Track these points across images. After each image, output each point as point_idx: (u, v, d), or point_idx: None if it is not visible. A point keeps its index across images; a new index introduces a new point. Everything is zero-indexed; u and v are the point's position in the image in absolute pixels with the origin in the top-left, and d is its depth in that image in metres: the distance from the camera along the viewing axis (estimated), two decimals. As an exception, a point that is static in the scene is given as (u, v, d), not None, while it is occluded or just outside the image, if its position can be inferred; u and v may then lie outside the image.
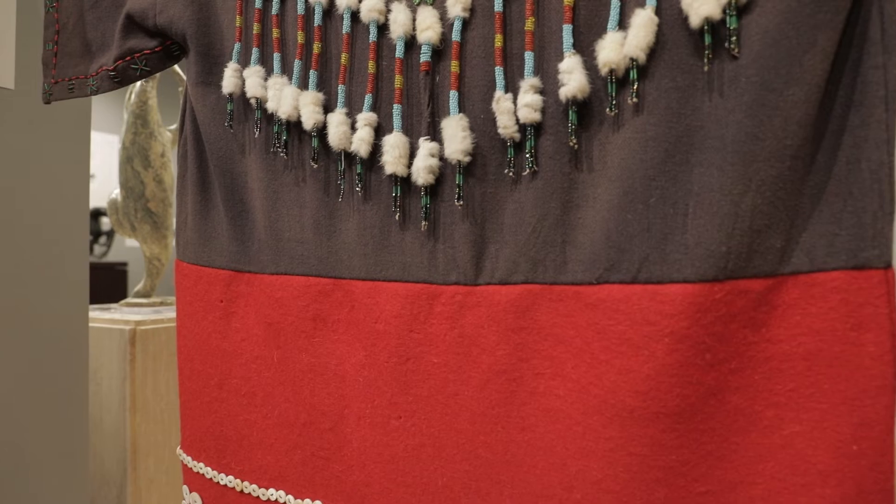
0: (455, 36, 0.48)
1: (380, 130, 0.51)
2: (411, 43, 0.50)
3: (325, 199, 0.54)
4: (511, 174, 0.46)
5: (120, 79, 0.65)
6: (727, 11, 0.39)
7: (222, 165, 0.60)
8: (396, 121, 0.50)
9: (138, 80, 0.66)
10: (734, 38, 0.39)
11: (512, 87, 0.46)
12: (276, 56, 0.56)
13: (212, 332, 0.62)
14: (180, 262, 0.66)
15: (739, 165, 0.39)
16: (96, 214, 4.24)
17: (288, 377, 0.57)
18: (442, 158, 0.48)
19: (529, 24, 0.45)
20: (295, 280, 0.56)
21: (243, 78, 0.57)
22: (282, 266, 0.57)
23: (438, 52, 0.49)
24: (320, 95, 0.53)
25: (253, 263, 0.59)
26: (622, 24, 0.43)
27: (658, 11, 0.42)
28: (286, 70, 0.56)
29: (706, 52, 0.40)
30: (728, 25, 0.39)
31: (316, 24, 0.53)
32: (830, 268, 0.39)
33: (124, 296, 3.82)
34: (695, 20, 0.40)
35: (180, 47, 0.64)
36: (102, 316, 1.24)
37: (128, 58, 0.64)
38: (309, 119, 0.53)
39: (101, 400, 1.17)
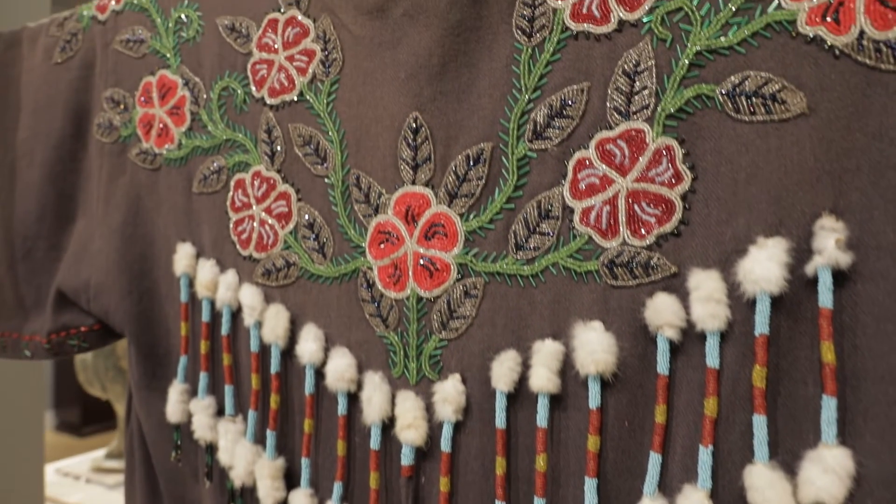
0: (444, 445, 0.37)
1: (353, 528, 0.41)
2: (390, 426, 0.39)
3: None
4: None
5: (56, 352, 0.55)
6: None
7: (172, 490, 0.50)
8: (372, 534, 0.39)
9: (78, 353, 0.56)
10: None
11: (518, 532, 0.36)
12: (229, 388, 0.45)
13: None
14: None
15: None
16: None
17: None
18: None
19: (541, 463, 0.34)
20: None
21: (190, 412, 0.47)
22: None
23: (424, 451, 0.38)
24: (280, 464, 0.43)
25: None
26: (663, 486, 0.32)
27: (714, 494, 0.31)
28: (241, 408, 0.45)
29: None
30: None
31: (274, 371, 0.43)
32: None
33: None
34: None
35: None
36: (66, 500, 1.13)
37: (62, 333, 0.54)
38: (267, 497, 0.42)
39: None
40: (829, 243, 0.29)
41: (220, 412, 0.47)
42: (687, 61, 0.32)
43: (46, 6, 0.95)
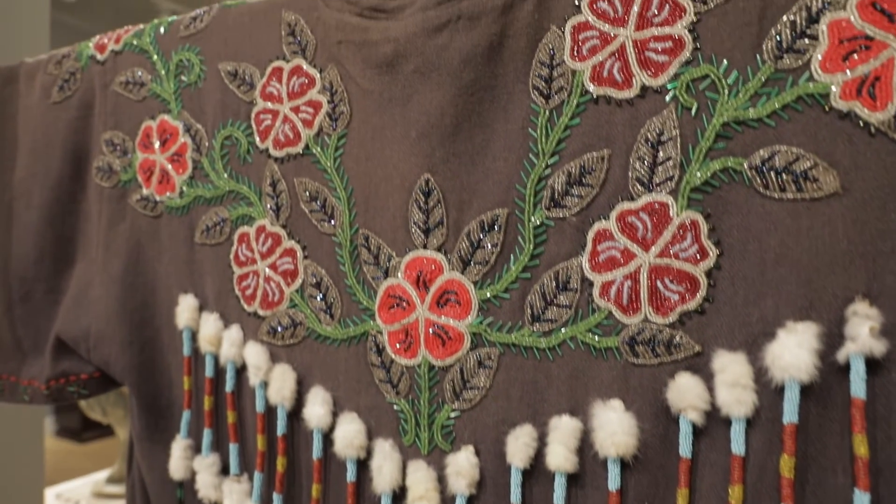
0: (459, 520, 0.36)
1: None
2: (401, 495, 0.38)
3: None
4: None
5: (55, 399, 0.54)
6: None
7: (176, 545, 0.49)
8: None
9: (78, 399, 0.55)
10: None
11: None
12: (233, 447, 0.44)
13: None
14: None
15: None
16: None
17: None
18: None
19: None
20: None
21: (194, 469, 0.45)
22: None
23: (436, 523, 0.37)
24: (287, 529, 0.42)
25: None
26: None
27: None
28: (246, 467, 0.44)
29: None
30: None
31: (280, 433, 0.41)
32: None
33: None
34: None
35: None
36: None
37: (62, 380, 0.53)
38: (273, 563, 0.41)
39: None
40: (863, 331, 0.28)
41: (224, 470, 0.45)
42: (713, 132, 0.31)
43: (45, 39, 0.93)
